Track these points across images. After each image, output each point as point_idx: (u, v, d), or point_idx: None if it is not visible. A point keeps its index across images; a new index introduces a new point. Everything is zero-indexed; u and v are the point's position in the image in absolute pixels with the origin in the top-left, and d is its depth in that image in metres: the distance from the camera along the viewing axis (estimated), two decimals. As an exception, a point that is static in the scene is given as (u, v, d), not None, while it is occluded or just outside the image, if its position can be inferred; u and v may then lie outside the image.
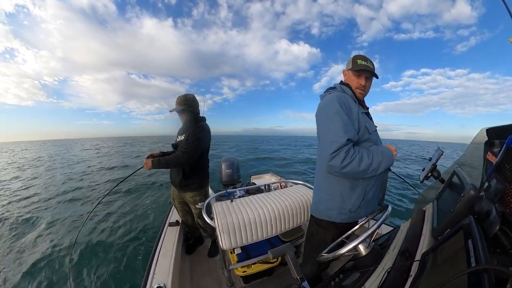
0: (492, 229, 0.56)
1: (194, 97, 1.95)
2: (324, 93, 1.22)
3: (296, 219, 1.64)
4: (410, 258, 0.80)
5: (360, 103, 1.16)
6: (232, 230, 1.41)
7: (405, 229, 1.10)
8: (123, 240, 3.52)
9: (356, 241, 0.85)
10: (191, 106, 1.91)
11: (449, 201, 0.91)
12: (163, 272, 1.46)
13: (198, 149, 1.83)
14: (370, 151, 1.02)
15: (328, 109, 1.03)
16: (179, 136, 1.96)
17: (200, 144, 1.84)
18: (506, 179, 0.69)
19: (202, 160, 1.99)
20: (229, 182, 3.05)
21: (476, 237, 0.52)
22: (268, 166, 10.93)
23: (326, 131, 1.01)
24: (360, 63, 1.11)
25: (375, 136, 1.16)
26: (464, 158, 1.23)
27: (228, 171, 3.06)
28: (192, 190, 1.95)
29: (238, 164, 3.18)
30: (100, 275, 2.70)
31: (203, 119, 2.00)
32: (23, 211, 5.04)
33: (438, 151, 1.20)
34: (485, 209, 0.63)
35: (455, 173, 0.96)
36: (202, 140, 1.86)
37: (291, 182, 2.56)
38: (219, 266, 2.05)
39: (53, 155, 21.01)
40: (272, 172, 3.77)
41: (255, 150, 21.91)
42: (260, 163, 12.29)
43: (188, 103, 1.89)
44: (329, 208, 1.15)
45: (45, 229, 4.03)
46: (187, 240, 2.28)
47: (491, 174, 0.74)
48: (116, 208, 4.93)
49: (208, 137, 1.94)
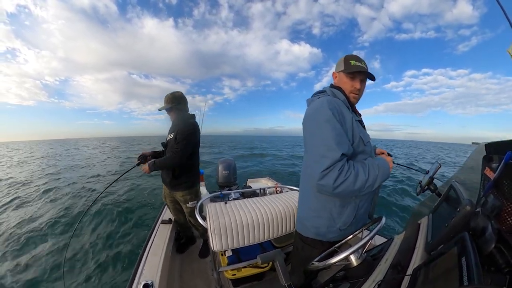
0: (487, 246, 0.54)
1: (182, 95, 1.93)
2: (312, 97, 1.06)
3: (289, 225, 1.62)
4: (401, 272, 0.78)
5: (352, 110, 1.02)
6: (224, 232, 1.39)
7: (398, 241, 1.08)
8: (115, 237, 3.50)
9: (348, 251, 0.83)
10: (179, 103, 1.90)
11: (444, 215, 0.89)
12: (151, 269, 1.43)
13: (187, 148, 1.81)
14: (366, 165, 0.89)
15: (317, 116, 0.89)
16: (169, 135, 1.94)
17: (189, 142, 1.82)
18: (503, 196, 0.67)
19: (192, 159, 1.95)
20: (225, 184, 3.04)
21: (470, 254, 0.50)
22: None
23: (315, 143, 0.87)
24: (354, 64, 0.97)
25: (369, 147, 1.03)
26: (461, 172, 1.22)
27: (224, 172, 3.05)
28: (183, 189, 1.94)
29: (235, 166, 3.17)
30: (89, 272, 2.67)
31: (192, 117, 1.97)
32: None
33: (435, 164, 1.18)
34: (481, 226, 0.61)
35: (452, 187, 0.95)
36: (191, 139, 1.83)
37: (287, 188, 2.54)
38: (209, 267, 2.02)
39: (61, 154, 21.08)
40: (268, 177, 3.76)
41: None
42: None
43: (176, 100, 1.88)
44: (316, 226, 1.05)
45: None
46: (179, 239, 2.25)
47: (489, 190, 0.72)
48: (110, 205, 4.90)
49: (197, 135, 1.91)
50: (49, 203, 5.34)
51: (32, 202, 5.44)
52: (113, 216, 4.25)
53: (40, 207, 4.97)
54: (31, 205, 5.15)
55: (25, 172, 10.10)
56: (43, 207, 4.99)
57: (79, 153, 20.80)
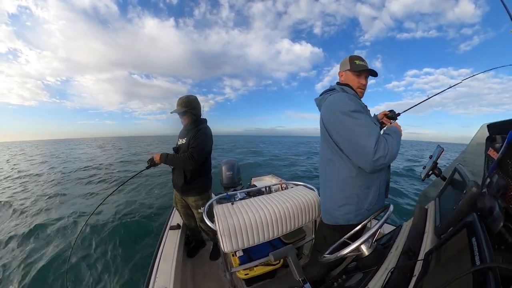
0: (496, 226, 0.55)
1: (197, 99, 1.90)
2: (323, 94, 1.20)
3: (297, 221, 1.63)
4: (413, 258, 0.78)
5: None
6: (233, 233, 1.40)
7: (407, 228, 1.08)
8: (125, 243, 3.51)
9: (358, 241, 0.84)
10: (194, 108, 1.86)
11: (451, 198, 0.90)
12: (164, 275, 1.44)
13: (203, 154, 1.80)
14: (389, 133, 1.06)
15: (345, 108, 1.00)
16: (181, 139, 1.92)
17: (204, 148, 1.80)
18: (508, 175, 0.68)
19: (205, 164, 1.94)
20: (229, 185, 3.04)
21: (479, 234, 0.51)
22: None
23: (355, 129, 0.97)
24: (359, 63, 1.13)
25: (379, 125, 1.26)
26: (465, 154, 1.22)
27: (228, 173, 3.05)
28: (194, 195, 1.93)
29: (238, 166, 3.17)
30: (98, 279, 2.68)
31: (204, 121, 1.96)
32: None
33: (438, 148, 1.19)
34: (488, 206, 0.62)
35: (456, 170, 0.95)
36: (206, 144, 1.82)
37: (292, 184, 2.55)
38: (221, 269, 2.03)
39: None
40: (272, 174, 3.75)
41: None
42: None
43: (191, 104, 1.84)
44: (346, 213, 1.13)
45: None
46: (188, 244, 2.26)
47: (493, 170, 0.73)
48: (118, 208, 4.93)
49: (211, 140, 1.90)
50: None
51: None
52: (119, 222, 4.27)
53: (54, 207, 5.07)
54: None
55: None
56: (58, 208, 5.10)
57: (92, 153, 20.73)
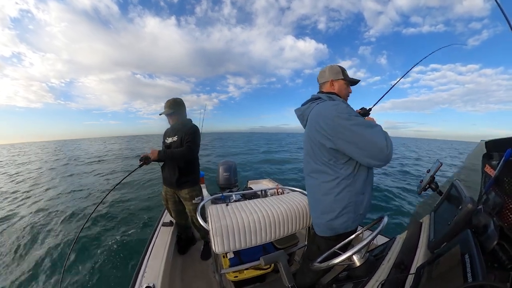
0: (490, 243, 0.55)
1: (182, 101, 2.15)
2: (309, 103, 1.20)
3: (291, 227, 1.62)
4: (405, 271, 0.78)
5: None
6: (226, 234, 1.38)
7: (401, 240, 1.08)
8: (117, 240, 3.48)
9: (351, 251, 0.83)
10: (180, 109, 2.10)
11: (446, 213, 0.89)
12: (153, 272, 1.43)
13: (197, 147, 2.07)
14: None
15: (345, 114, 1.00)
16: (169, 138, 2.08)
17: (198, 143, 2.07)
18: (504, 193, 0.67)
19: (196, 158, 2.21)
20: (226, 186, 3.03)
21: (473, 251, 0.50)
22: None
23: (364, 130, 0.97)
24: (347, 74, 1.22)
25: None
26: (463, 170, 1.22)
27: (225, 174, 3.04)
28: (188, 186, 2.06)
29: (236, 167, 3.16)
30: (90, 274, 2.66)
31: (190, 121, 2.20)
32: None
33: (436, 163, 1.18)
34: (483, 223, 0.62)
35: (453, 185, 0.95)
36: (199, 139, 2.08)
37: (288, 189, 2.54)
38: (211, 270, 2.01)
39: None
40: (269, 178, 3.75)
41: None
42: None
43: (178, 106, 2.08)
44: (345, 221, 1.10)
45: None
46: (180, 241, 2.26)
47: (490, 187, 0.72)
48: (114, 206, 4.92)
49: (200, 136, 2.16)
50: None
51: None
52: (117, 218, 4.26)
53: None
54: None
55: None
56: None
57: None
